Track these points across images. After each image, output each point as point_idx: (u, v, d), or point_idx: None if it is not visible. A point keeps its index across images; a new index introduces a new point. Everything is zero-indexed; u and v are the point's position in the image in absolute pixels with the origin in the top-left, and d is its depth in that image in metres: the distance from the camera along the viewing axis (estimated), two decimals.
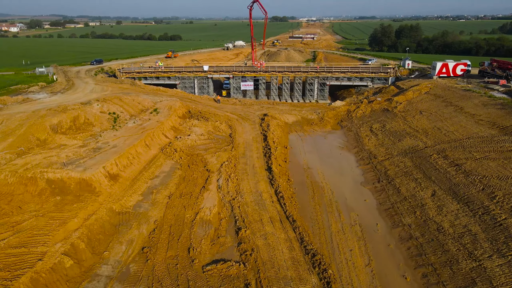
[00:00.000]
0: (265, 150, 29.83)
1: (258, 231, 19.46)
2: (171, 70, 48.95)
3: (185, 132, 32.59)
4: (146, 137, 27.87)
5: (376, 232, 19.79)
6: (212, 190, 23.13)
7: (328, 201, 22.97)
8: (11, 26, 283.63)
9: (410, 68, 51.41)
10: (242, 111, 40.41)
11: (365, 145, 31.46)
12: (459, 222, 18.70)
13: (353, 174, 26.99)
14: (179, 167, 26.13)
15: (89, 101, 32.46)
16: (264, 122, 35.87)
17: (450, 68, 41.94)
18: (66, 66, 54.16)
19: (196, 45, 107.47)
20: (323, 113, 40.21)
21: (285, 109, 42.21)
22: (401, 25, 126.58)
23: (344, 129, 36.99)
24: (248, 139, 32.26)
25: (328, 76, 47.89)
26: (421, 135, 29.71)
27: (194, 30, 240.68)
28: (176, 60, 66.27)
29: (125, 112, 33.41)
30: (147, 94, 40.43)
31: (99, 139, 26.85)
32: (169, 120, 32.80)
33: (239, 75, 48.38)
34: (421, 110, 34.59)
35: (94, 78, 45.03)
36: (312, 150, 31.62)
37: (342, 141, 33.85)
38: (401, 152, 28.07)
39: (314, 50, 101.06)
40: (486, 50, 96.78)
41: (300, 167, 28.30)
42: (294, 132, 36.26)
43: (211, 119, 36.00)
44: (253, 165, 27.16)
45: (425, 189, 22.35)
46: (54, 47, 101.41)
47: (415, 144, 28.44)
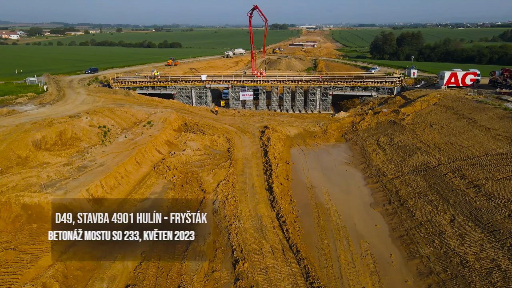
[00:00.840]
0: (266, 166, 27.77)
1: (258, 264, 17.29)
2: (167, 80, 47.14)
3: (180, 146, 30.56)
4: (137, 154, 25.82)
5: (391, 265, 17.60)
6: (206, 215, 20.95)
7: (335, 226, 20.82)
8: (11, 34, 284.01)
9: (415, 77, 49.65)
10: (241, 123, 38.45)
11: (372, 161, 29.40)
12: (485, 255, 16.53)
13: (361, 194, 24.88)
14: (172, 187, 24.04)
15: (78, 114, 30.51)
16: (264, 135, 33.88)
17: (459, 77, 40.12)
18: (60, 75, 52.40)
19: (195, 53, 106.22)
20: (326, 125, 38.25)
21: (287, 120, 40.26)
22: (403, 33, 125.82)
23: (349, 142, 34.98)
24: (247, 154, 30.21)
25: (331, 86, 46.07)
26: (433, 150, 27.66)
27: (194, 38, 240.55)
28: (173, 68, 64.63)
29: (116, 125, 31.42)
30: (141, 105, 38.53)
31: (86, 156, 24.79)
32: (163, 134, 30.80)
33: (238, 84, 46.57)
34: (431, 123, 32.60)
35: (86, 88, 43.20)
36: (316, 166, 29.55)
37: (348, 156, 31.80)
38: (413, 169, 25.99)
39: (315, 58, 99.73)
40: (489, 58, 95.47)
41: (303, 185, 26.20)
42: (296, 146, 34.24)
43: (208, 132, 34.01)
44: (252, 184, 25.06)
45: (442, 213, 20.21)
46: (51, 55, 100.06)
47: (427, 161, 26.37)
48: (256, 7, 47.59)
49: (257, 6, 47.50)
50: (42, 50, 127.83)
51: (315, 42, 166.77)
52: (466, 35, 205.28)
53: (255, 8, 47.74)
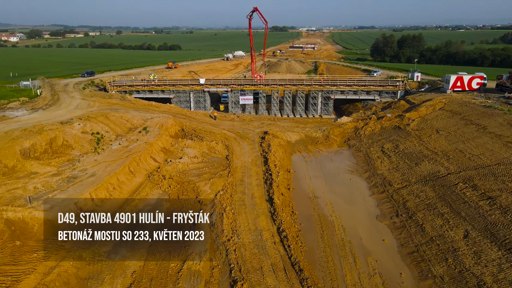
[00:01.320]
0: (266, 175, 26.52)
1: (258, 285, 16.02)
2: (165, 84, 45.98)
3: (177, 154, 29.32)
4: (131, 162, 24.58)
5: (401, 286, 16.31)
6: (203, 229, 19.70)
7: (340, 242, 19.55)
8: (11, 36, 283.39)
9: (419, 80, 48.48)
10: (240, 129, 37.23)
11: (377, 169, 28.15)
12: (504, 276, 15.27)
13: (366, 205, 23.61)
14: (167, 198, 22.78)
15: (70, 120, 29.29)
16: (264, 142, 32.64)
17: (465, 81, 38.95)
18: (55, 78, 51.25)
19: (195, 55, 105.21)
20: (328, 130, 37.03)
21: (287, 125, 39.05)
22: (403, 35, 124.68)
23: (352, 148, 33.74)
24: (246, 162, 28.97)
25: (333, 90, 44.90)
26: (441, 158, 26.42)
27: (193, 40, 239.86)
28: (172, 71, 63.50)
29: (110, 131, 30.20)
30: (137, 110, 37.33)
31: (76, 165, 23.55)
32: (159, 140, 29.57)
33: (237, 88, 45.41)
34: (438, 129, 31.38)
35: (81, 92, 42.00)
36: (318, 175, 28.29)
37: (351, 163, 30.55)
38: (420, 178, 24.73)
39: (315, 60, 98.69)
40: (492, 60, 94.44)
41: (305, 196, 24.94)
42: (298, 153, 33.00)
43: (206, 138, 32.77)
44: (252, 195, 23.80)
45: (455, 228, 18.94)
46: (48, 58, 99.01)
47: (435, 170, 25.12)
48: (256, 9, 46.55)
49: (257, 8, 46.47)
50: (40, 53, 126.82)
51: (315, 44, 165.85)
52: (466, 37, 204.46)
53: (255, 10, 46.70)
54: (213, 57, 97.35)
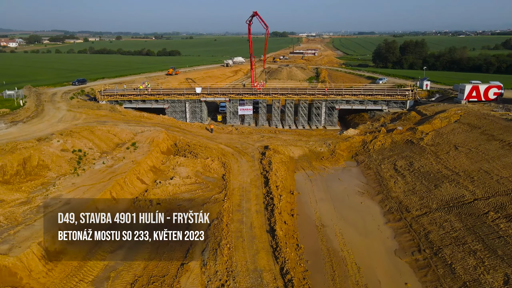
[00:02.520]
0: (267, 199, 23.58)
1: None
2: (159, 93, 43.23)
3: (168, 173, 26.42)
4: (114, 187, 21.65)
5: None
6: (194, 270, 16.76)
7: (355, 285, 16.55)
8: (10, 41, 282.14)
9: (428, 89, 45.77)
10: (239, 142, 34.36)
11: (391, 191, 25.21)
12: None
13: (382, 236, 20.63)
14: None
15: (49, 136, 26.43)
16: (265, 158, 29.74)
17: (481, 91, 36.21)
18: (44, 87, 48.50)
19: (194, 61, 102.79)
20: (334, 144, 34.15)
21: (290, 139, 36.18)
22: (406, 41, 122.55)
23: (361, 165, 30.83)
24: (245, 183, 26.04)
25: (338, 99, 42.13)
26: (464, 180, 23.49)
27: (193, 45, 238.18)
28: (168, 79, 60.87)
29: (95, 148, 27.32)
30: (127, 122, 34.49)
31: (51, 190, 20.63)
32: (148, 158, 26.68)
33: (236, 98, 42.64)
34: (456, 144, 28.52)
35: (68, 103, 39.20)
36: (325, 197, 25.35)
37: (361, 183, 27.62)
38: (442, 204, 21.78)
39: (317, 66, 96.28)
40: (497, 67, 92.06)
41: (311, 224, 21.97)
42: (301, 170, 30.08)
43: (200, 154, 29.87)
44: (251, 224, 20.84)
45: (492, 270, 15.96)
46: (42, 64, 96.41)
47: (459, 194, 22.18)
48: (256, 14, 44.02)
49: (257, 12, 43.95)
50: (36, 59, 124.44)
51: (315, 50, 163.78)
52: (467, 43, 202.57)
53: (255, 15, 44.16)
54: (212, 63, 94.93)
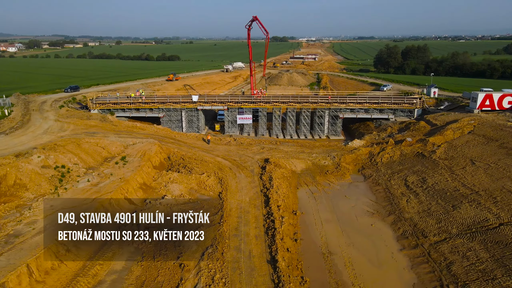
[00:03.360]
0: (267, 221, 21.33)
1: None
2: (153, 101, 41.13)
3: (159, 191, 24.20)
4: (96, 210, 19.36)
5: None
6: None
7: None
8: (10, 46, 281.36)
9: (436, 97, 43.69)
10: (237, 155, 32.17)
11: (403, 211, 22.96)
12: None
13: (397, 266, 18.35)
14: (139, 259, 17.56)
15: (30, 151, 24.24)
16: (265, 173, 27.53)
17: (495, 100, 34.11)
18: (35, 94, 46.45)
19: (193, 66, 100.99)
20: (339, 157, 31.95)
21: (291, 150, 33.99)
22: (408, 46, 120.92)
23: (369, 180, 28.60)
24: (243, 202, 23.81)
25: (342, 108, 40.02)
26: (485, 200, 21.27)
27: (193, 50, 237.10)
28: (165, 86, 58.89)
29: (80, 163, 25.11)
30: (118, 134, 32.33)
31: (25, 215, 18.41)
32: (138, 175, 24.46)
33: (235, 106, 40.54)
34: (472, 159, 26.33)
35: (57, 112, 37.06)
36: (331, 218, 23.10)
37: (369, 201, 25.38)
38: (463, 229, 19.53)
39: (318, 72, 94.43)
40: (502, 72, 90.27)
41: (317, 251, 19.70)
42: (304, 186, 27.86)
43: (195, 169, 27.64)
44: (249, 253, 18.57)
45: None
46: (38, 70, 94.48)
47: (481, 217, 19.94)
48: (256, 18, 42.12)
49: (257, 17, 42.05)
50: (33, 64, 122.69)
51: (316, 55, 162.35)
52: (468, 47, 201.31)
53: (255, 20, 42.25)
54: (212, 69, 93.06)
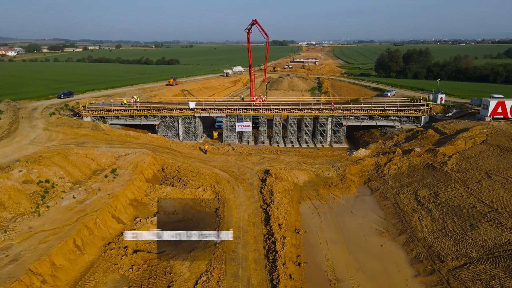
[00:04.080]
0: (268, 242, 19.50)
1: None
2: (148, 108, 39.43)
3: (151, 207, 22.41)
4: (79, 232, 17.59)
5: None
6: None
7: None
8: (9, 50, 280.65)
9: (443, 103, 42.00)
10: (236, 166, 30.39)
11: (416, 230, 21.14)
12: None
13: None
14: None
15: (12, 164, 22.46)
16: (265, 187, 25.72)
17: (507, 107, 32.41)
18: (26, 100, 44.78)
19: (193, 70, 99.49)
20: (343, 167, 30.17)
21: (293, 160, 32.20)
22: (409, 50, 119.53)
23: (376, 194, 26.79)
24: (242, 219, 21.99)
25: (345, 115, 38.31)
26: (506, 220, 19.45)
27: (193, 54, 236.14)
28: (162, 91, 57.23)
29: (66, 177, 23.33)
30: (110, 143, 30.57)
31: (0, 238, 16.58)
32: (128, 190, 22.67)
33: (234, 113, 38.83)
34: (488, 172, 24.55)
35: (47, 120, 35.33)
36: (337, 238, 21.26)
37: (378, 217, 23.55)
38: (485, 253, 17.70)
39: (318, 76, 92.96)
40: (506, 76, 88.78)
41: (323, 277, 17.85)
42: (307, 200, 26.04)
43: (191, 182, 25.83)
44: (248, 281, 16.72)
45: None
46: (34, 74, 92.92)
47: (503, 239, 18.12)
48: (256, 22, 40.53)
49: (257, 20, 40.45)
50: (30, 68, 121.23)
51: (316, 58, 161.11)
52: (469, 51, 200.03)
53: (254, 23, 40.67)
54: (211, 73, 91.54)
